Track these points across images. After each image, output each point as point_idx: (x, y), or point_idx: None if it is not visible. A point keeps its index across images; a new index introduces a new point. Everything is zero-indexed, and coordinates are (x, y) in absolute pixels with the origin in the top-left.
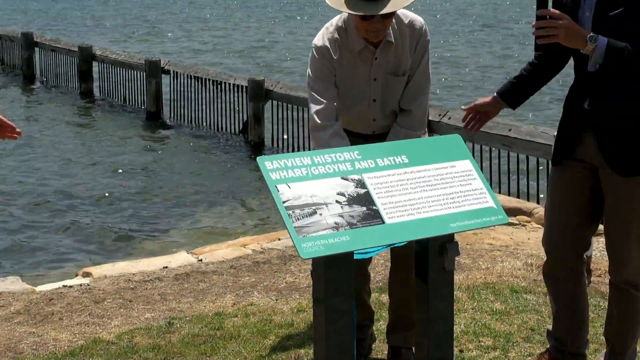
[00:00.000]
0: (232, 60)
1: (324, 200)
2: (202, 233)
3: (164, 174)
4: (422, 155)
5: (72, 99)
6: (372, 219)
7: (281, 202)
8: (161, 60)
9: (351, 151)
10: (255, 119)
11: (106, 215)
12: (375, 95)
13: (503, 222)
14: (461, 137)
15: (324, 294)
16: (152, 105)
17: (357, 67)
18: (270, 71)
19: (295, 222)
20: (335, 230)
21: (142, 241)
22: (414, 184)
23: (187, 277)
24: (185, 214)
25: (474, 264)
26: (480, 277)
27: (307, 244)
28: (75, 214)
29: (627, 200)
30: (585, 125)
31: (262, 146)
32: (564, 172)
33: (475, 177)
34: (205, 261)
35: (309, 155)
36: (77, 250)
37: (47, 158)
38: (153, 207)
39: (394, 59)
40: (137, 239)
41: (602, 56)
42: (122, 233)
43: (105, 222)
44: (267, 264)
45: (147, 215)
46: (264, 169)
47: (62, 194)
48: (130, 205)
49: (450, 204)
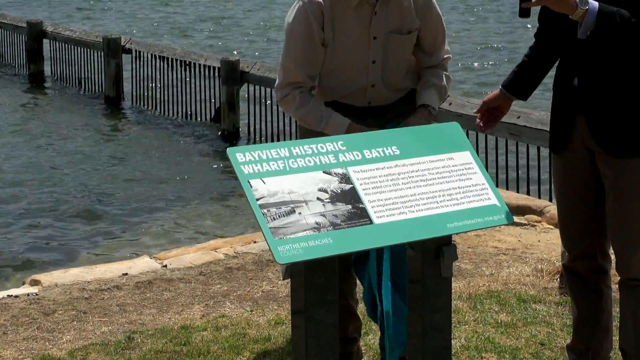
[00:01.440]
0: (202, 36)
1: (303, 197)
2: (167, 235)
3: (123, 168)
4: (415, 145)
5: (19, 83)
6: (359, 218)
7: (254, 200)
8: (122, 38)
9: (334, 141)
10: (229, 105)
11: (56, 215)
12: (375, 56)
13: (507, 222)
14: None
15: (304, 304)
16: (111, 90)
17: (353, 24)
18: (246, 50)
19: (271, 222)
20: (317, 231)
21: (98, 244)
22: (406, 178)
23: (150, 285)
24: (147, 213)
25: (477, 269)
26: (483, 285)
27: (284, 247)
28: (19, 213)
29: (626, 186)
30: (576, 106)
31: (237, 136)
32: (564, 160)
33: (476, 171)
34: (171, 267)
35: (286, 145)
36: (23, 254)
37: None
38: (111, 205)
39: (396, 14)
40: (92, 242)
41: (594, 22)
42: (75, 235)
43: (55, 223)
44: (241, 270)
45: (104, 214)
46: (234, 161)
47: (4, 192)
48: (85, 203)
49: (448, 201)
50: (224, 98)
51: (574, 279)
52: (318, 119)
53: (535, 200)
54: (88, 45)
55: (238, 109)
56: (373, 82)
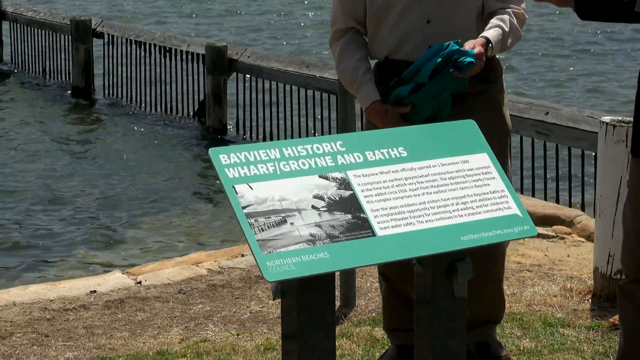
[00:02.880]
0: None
1: (296, 205)
2: (141, 247)
3: (93, 170)
4: (425, 146)
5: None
6: (360, 230)
7: (240, 208)
8: (92, 20)
9: (332, 141)
10: (215, 98)
11: (15, 223)
12: (430, 14)
13: (530, 234)
14: None
15: (297, 327)
16: (80, 79)
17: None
18: (236, 35)
19: (259, 233)
20: (311, 244)
21: (63, 257)
22: (414, 184)
23: (122, 304)
24: (119, 222)
25: None
26: None
27: (273, 263)
28: None
29: None
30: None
31: (224, 134)
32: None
33: (495, 176)
34: (146, 284)
35: (277, 146)
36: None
37: None
38: (78, 212)
39: None
40: (56, 253)
41: None
42: (36, 246)
43: (14, 232)
44: (226, 288)
45: (69, 222)
46: (217, 164)
47: None
48: (48, 209)
49: (462, 210)
50: (210, 89)
51: (630, 306)
52: (352, 81)
53: (565, 209)
54: (54, 28)
55: (225, 102)
56: (428, 17)
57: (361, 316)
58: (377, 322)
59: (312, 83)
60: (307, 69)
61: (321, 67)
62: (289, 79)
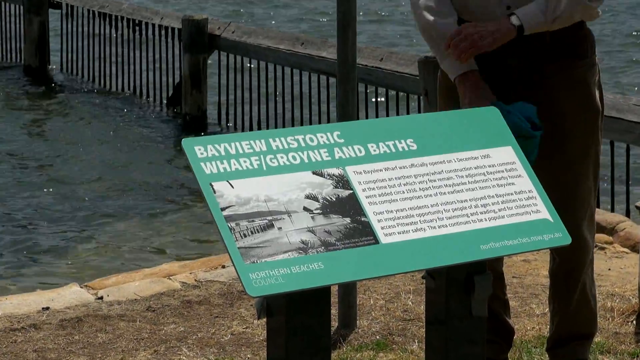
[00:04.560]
0: None
1: (285, 206)
2: (104, 256)
3: (46, 164)
4: (438, 138)
5: None
6: (360, 236)
7: (218, 210)
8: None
9: (329, 131)
10: (193, 81)
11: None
12: None
13: (563, 242)
14: None
15: (285, 352)
16: (34, 57)
17: None
18: None
19: (241, 240)
20: (303, 253)
21: (10, 267)
22: (425, 182)
23: (79, 323)
24: (78, 226)
25: (524, 307)
26: (532, 328)
27: (257, 275)
28: None
29: None
30: None
31: (203, 123)
32: None
33: (521, 174)
34: (108, 299)
35: (263, 136)
36: None
37: None
38: (28, 213)
39: None
40: (1, 264)
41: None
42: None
43: None
44: (203, 305)
45: (18, 226)
46: (192, 157)
47: None
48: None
49: (481, 214)
50: (187, 70)
51: None
52: (436, 45)
53: (606, 214)
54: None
55: (205, 85)
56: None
57: (363, 339)
58: (382, 346)
59: (308, 64)
60: (302, 46)
61: (319, 44)
62: (280, 58)
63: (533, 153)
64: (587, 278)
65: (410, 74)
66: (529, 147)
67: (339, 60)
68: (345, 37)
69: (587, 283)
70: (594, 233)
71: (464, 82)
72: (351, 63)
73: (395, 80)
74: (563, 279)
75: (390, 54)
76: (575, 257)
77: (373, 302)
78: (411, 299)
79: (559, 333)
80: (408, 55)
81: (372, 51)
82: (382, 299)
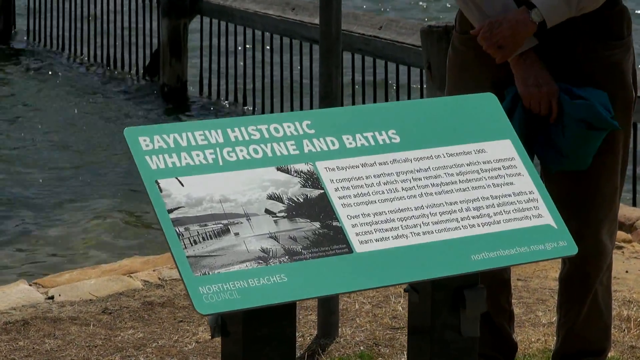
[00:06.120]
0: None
1: (244, 208)
2: (56, 248)
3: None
4: (424, 129)
5: None
6: (331, 244)
7: (164, 212)
8: None
9: (296, 120)
10: (172, 49)
11: None
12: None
13: (568, 253)
14: None
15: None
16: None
17: None
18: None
19: (190, 248)
20: (263, 263)
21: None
22: (408, 181)
23: (26, 327)
24: (29, 213)
25: (528, 314)
26: (537, 340)
27: (209, 289)
28: None
29: None
30: None
31: (183, 95)
32: None
33: (521, 172)
34: (60, 299)
35: (219, 125)
36: None
37: None
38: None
39: None
40: None
41: None
42: None
43: None
44: (167, 308)
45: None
46: (135, 149)
47: None
48: None
49: (473, 219)
50: (165, 37)
51: None
52: None
53: (625, 208)
54: None
55: (186, 54)
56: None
57: (345, 350)
58: (366, 358)
59: (299, 31)
60: (293, 12)
61: (311, 10)
62: (269, 24)
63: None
64: (601, 286)
65: (412, 44)
66: (597, 142)
67: (321, 31)
68: (329, 4)
69: (600, 292)
70: (614, 236)
71: (521, 62)
72: (335, 35)
73: (395, 51)
74: (573, 287)
75: (390, 21)
76: (589, 264)
77: (358, 307)
78: (401, 304)
79: (565, 348)
80: (410, 23)
81: (371, 18)
82: (369, 303)
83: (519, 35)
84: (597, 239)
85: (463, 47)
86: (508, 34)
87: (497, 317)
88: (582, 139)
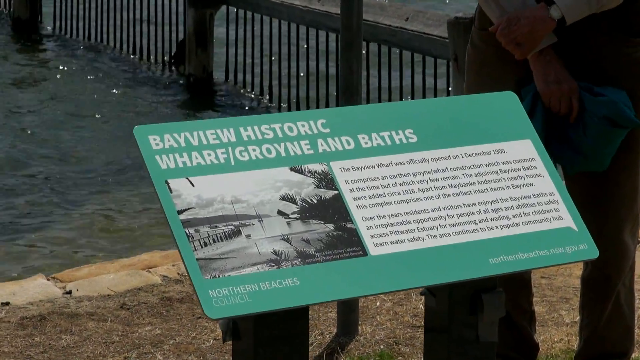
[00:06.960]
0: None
1: (256, 209)
2: (75, 243)
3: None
4: (441, 128)
5: None
6: (346, 246)
7: (174, 213)
8: None
9: (311, 119)
10: (198, 39)
11: None
12: None
13: (589, 256)
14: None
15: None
16: (24, 9)
17: None
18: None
19: (200, 250)
20: (275, 266)
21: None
22: (425, 182)
23: (42, 322)
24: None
25: (551, 313)
26: (560, 340)
27: (219, 293)
28: None
29: None
30: None
31: (208, 85)
32: None
33: (542, 173)
34: (77, 294)
35: (231, 124)
36: None
37: None
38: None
39: None
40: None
41: None
42: None
43: None
44: (186, 303)
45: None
46: (145, 149)
47: None
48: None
49: (492, 221)
50: (191, 27)
51: None
52: None
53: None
54: None
55: (211, 44)
56: None
57: (365, 349)
58: (386, 357)
59: (325, 22)
60: (320, 2)
61: (337, 1)
62: (295, 15)
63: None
64: (624, 287)
65: (439, 36)
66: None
67: (342, 24)
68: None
69: (623, 293)
70: (636, 237)
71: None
72: (356, 27)
73: (422, 42)
74: (595, 289)
75: (417, 12)
76: (611, 266)
77: (379, 305)
78: (423, 302)
79: (588, 350)
80: (437, 14)
81: (397, 9)
82: (390, 301)
83: (538, 32)
84: (618, 239)
85: (482, 44)
86: (526, 30)
87: (518, 318)
88: (604, 138)
